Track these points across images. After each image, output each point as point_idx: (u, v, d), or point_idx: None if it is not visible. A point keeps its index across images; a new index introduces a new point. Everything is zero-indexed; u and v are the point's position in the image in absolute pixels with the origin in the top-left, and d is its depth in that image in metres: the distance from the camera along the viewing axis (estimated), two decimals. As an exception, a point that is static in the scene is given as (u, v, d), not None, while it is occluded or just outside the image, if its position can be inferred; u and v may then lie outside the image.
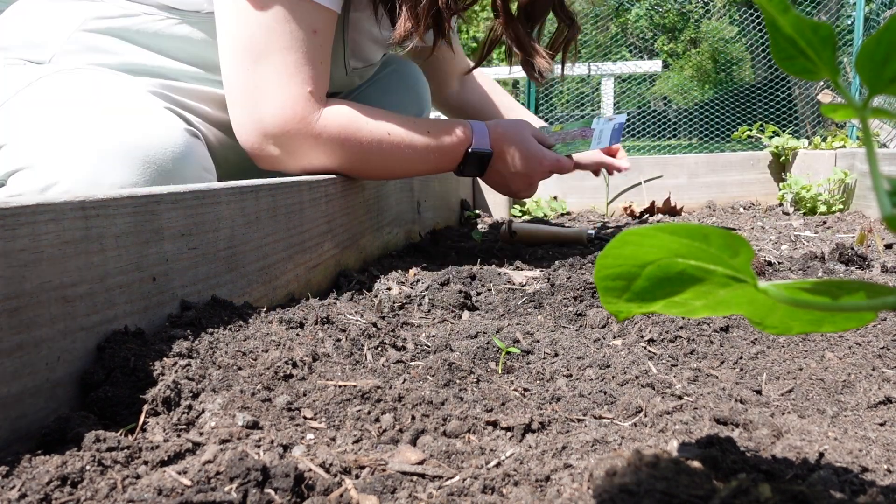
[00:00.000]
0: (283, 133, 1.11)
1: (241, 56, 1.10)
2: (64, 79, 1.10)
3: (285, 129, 1.11)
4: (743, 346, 0.88)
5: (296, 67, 1.10)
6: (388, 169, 1.28)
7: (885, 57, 0.31)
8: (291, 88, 1.10)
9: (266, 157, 1.15)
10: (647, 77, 7.44)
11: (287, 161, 1.16)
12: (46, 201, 0.55)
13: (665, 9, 11.39)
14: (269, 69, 1.09)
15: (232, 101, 1.14)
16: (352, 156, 1.19)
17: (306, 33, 1.09)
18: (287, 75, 1.10)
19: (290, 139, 1.12)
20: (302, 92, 1.11)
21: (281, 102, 1.10)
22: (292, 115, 1.11)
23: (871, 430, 0.62)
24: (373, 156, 1.21)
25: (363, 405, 0.60)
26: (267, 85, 1.09)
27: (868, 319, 0.38)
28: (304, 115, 1.12)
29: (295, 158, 1.16)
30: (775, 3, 0.32)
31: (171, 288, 0.72)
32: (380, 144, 1.20)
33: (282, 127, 1.11)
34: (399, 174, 1.36)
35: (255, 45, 1.08)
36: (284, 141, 1.12)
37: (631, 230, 0.36)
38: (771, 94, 6.09)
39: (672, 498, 0.40)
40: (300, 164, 1.17)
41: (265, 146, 1.13)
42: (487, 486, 0.48)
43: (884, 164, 2.33)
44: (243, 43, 1.09)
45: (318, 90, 1.13)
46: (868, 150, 0.33)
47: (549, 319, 1.02)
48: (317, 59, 1.13)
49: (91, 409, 0.57)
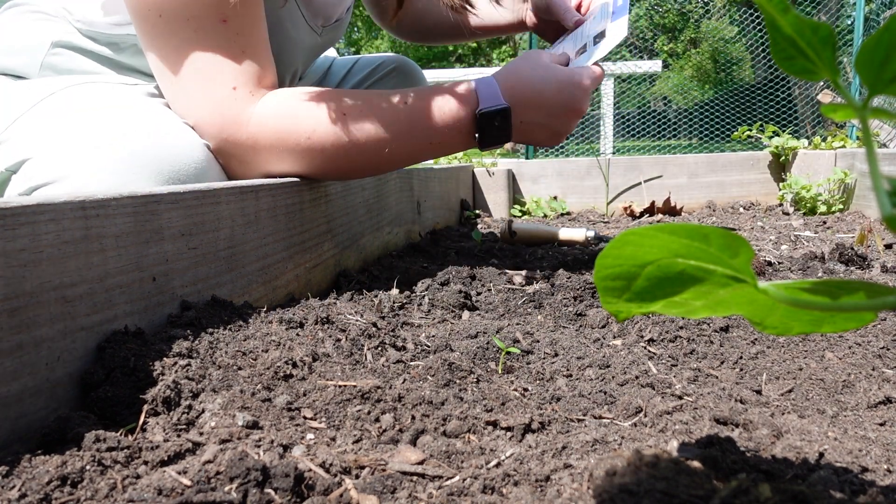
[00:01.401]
0: (221, 140, 1.01)
1: (159, 66, 1.02)
2: (76, 93, 1.06)
3: (221, 134, 1.01)
4: (743, 346, 0.88)
5: (210, 66, 0.99)
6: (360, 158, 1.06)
7: (885, 57, 0.31)
8: (211, 90, 0.99)
9: (231, 171, 1.05)
10: (647, 77, 7.44)
11: (245, 168, 1.05)
12: (46, 201, 0.55)
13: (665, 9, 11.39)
14: (185, 74, 1.00)
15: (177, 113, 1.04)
16: (303, 153, 1.03)
17: (213, 24, 0.97)
18: (204, 79, 0.99)
19: (231, 145, 1.02)
20: (223, 92, 1.00)
21: (208, 110, 1.00)
22: (222, 120, 1.00)
23: (870, 430, 0.62)
24: (330, 149, 1.03)
25: (363, 405, 0.60)
26: (188, 91, 1.00)
27: (868, 320, 0.38)
28: (234, 116, 1.00)
29: (248, 164, 1.04)
30: (775, 3, 0.32)
31: (171, 288, 0.72)
32: (336, 133, 1.02)
33: (217, 133, 1.01)
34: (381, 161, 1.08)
35: (166, 52, 0.99)
36: (228, 148, 1.02)
37: (631, 230, 0.36)
38: (771, 94, 6.09)
39: (672, 498, 0.40)
40: (258, 168, 1.05)
41: (224, 159, 1.04)
42: (487, 486, 0.48)
43: (884, 164, 2.33)
44: (157, 52, 1.01)
45: (245, 84, 1.01)
46: (868, 150, 0.33)
47: (549, 319, 1.02)
48: (235, 50, 1.00)
49: (91, 408, 0.57)
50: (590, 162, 3.04)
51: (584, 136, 6.21)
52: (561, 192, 3.05)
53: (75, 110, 1.01)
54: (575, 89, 1.10)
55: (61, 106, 1.03)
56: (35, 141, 0.97)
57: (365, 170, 1.13)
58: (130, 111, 1.00)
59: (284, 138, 1.01)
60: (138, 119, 0.98)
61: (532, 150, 4.25)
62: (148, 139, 0.94)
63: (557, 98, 1.09)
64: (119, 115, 0.98)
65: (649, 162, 3.00)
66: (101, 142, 0.92)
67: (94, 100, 1.04)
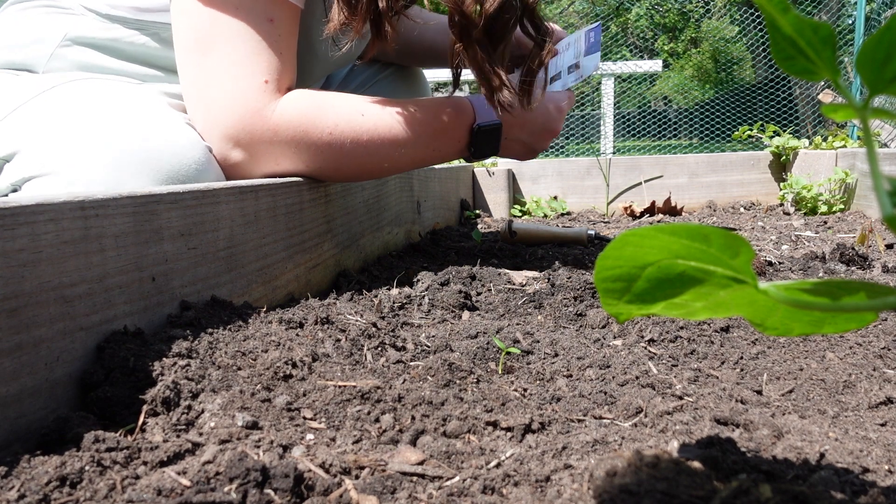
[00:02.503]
0: (239, 130, 1.00)
1: (190, 51, 1.01)
2: (79, 88, 1.05)
3: (240, 124, 1.00)
4: (743, 346, 0.88)
5: (248, 57, 0.99)
6: (372, 160, 1.10)
7: (886, 57, 0.31)
8: (243, 80, 1.00)
9: (232, 165, 1.04)
10: (647, 77, 7.44)
11: (252, 166, 1.04)
12: (46, 201, 0.55)
13: (665, 8, 11.39)
14: (219, 61, 0.99)
15: (191, 104, 1.04)
16: (323, 148, 1.05)
17: (260, 21, 0.99)
18: (238, 65, 0.99)
19: (248, 136, 1.01)
20: (254, 82, 1.00)
21: (231, 95, 1.00)
22: (244, 108, 1.00)
23: (871, 430, 0.62)
24: (349, 146, 1.06)
25: (363, 405, 0.60)
26: (217, 78, 1.00)
27: (869, 320, 0.37)
28: (259, 107, 1.00)
29: (258, 161, 1.04)
30: (775, 3, 0.32)
31: (171, 288, 0.72)
32: (355, 131, 1.05)
33: (236, 122, 1.00)
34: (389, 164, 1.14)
35: (202, 37, 0.99)
36: (244, 140, 1.01)
37: (631, 231, 0.36)
38: (771, 94, 6.09)
39: (672, 498, 0.40)
40: (267, 167, 1.05)
41: (228, 151, 1.02)
42: (487, 487, 0.48)
43: (884, 163, 2.32)
44: (192, 37, 1.00)
45: (275, 81, 1.02)
46: (869, 150, 0.33)
47: (550, 319, 1.02)
48: (275, 49, 1.01)
49: (90, 409, 0.56)
50: (590, 162, 3.03)
51: (585, 135, 6.21)
52: (561, 192, 3.05)
53: (75, 105, 1.00)
54: (554, 112, 1.23)
55: (61, 100, 1.02)
56: (30, 133, 0.97)
57: (373, 172, 1.17)
58: (131, 109, 0.99)
59: (307, 131, 1.03)
60: (138, 117, 0.97)
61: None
62: (145, 138, 0.93)
63: (539, 119, 1.22)
64: (119, 112, 0.98)
65: (650, 162, 3.00)
66: (98, 138, 0.92)
67: (95, 96, 1.03)
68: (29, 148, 0.95)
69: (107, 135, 0.92)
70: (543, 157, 4.50)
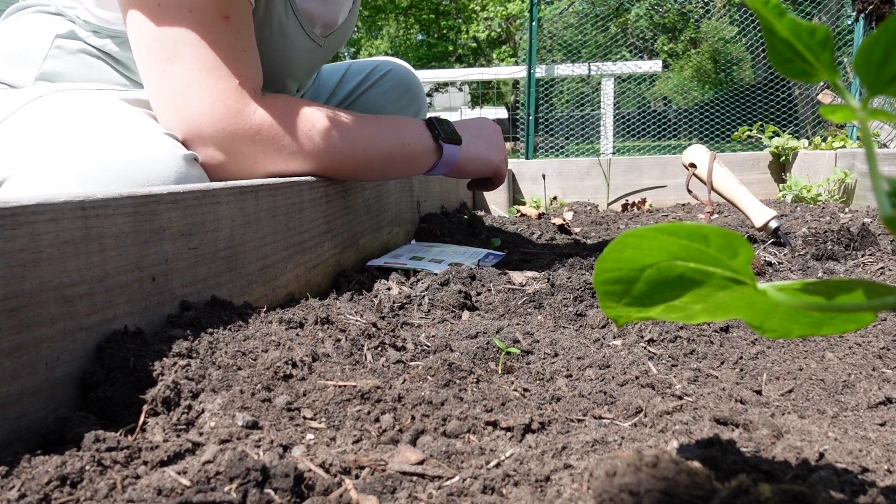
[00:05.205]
0: (220, 132, 1.00)
1: (154, 57, 0.99)
2: (58, 100, 1.03)
3: (221, 126, 1.00)
4: (743, 346, 0.88)
5: (215, 60, 0.98)
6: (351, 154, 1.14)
7: (884, 57, 0.31)
8: (217, 83, 0.99)
9: (213, 167, 1.03)
10: (647, 77, 7.43)
11: (234, 167, 1.04)
12: (46, 201, 0.55)
13: (665, 9, 11.39)
14: (187, 67, 0.98)
15: (160, 110, 1.02)
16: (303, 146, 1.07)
17: (216, 21, 0.98)
18: (207, 70, 0.98)
19: (229, 139, 1.01)
20: (229, 85, 0.99)
21: (210, 100, 0.99)
22: (224, 111, 0.99)
23: (871, 430, 0.62)
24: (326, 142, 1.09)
25: (363, 405, 0.60)
26: (189, 85, 0.98)
27: (868, 320, 0.38)
28: (239, 109, 1.00)
29: (240, 162, 1.04)
30: (770, 7, 0.32)
31: (171, 288, 0.72)
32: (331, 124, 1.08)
33: (217, 125, 0.99)
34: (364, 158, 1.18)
35: (164, 43, 0.97)
36: (224, 142, 1.01)
37: (630, 231, 0.36)
38: (771, 95, 6.08)
39: (672, 498, 0.40)
40: (249, 168, 1.05)
41: (207, 153, 1.01)
42: (487, 487, 0.48)
43: (883, 164, 2.33)
44: (153, 44, 0.98)
45: (247, 81, 1.02)
46: (868, 150, 0.33)
47: (549, 319, 1.02)
48: (237, 48, 1.00)
49: (91, 409, 0.57)
50: (590, 162, 3.03)
51: (584, 136, 6.21)
52: (561, 193, 3.05)
53: (50, 119, 0.98)
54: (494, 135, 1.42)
55: (37, 115, 0.99)
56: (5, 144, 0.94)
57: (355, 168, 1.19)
58: (108, 121, 0.97)
59: (288, 129, 1.05)
60: (115, 129, 0.94)
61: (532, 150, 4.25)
62: (121, 150, 0.91)
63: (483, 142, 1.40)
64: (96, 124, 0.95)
65: (650, 162, 3.00)
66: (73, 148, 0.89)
67: (72, 108, 1.00)
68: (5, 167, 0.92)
69: (83, 148, 0.89)
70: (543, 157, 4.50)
